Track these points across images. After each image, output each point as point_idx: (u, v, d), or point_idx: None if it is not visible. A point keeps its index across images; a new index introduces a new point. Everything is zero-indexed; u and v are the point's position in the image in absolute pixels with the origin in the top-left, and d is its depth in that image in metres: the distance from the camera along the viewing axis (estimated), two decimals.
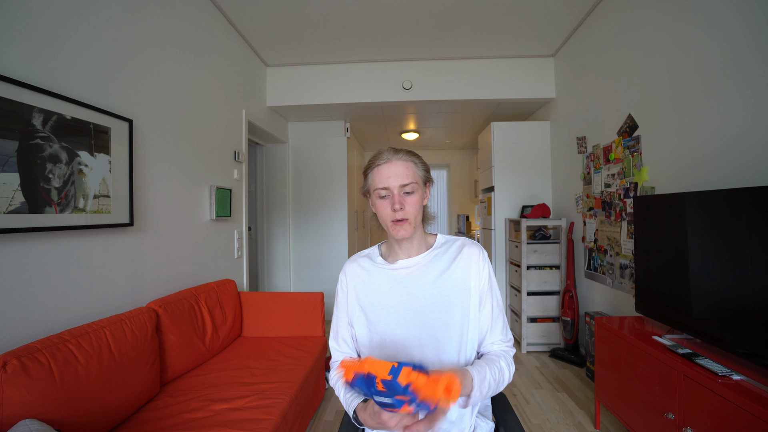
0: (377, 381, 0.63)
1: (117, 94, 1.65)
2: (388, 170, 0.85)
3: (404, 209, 0.84)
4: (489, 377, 0.79)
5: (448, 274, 0.88)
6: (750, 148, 1.45)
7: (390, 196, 0.86)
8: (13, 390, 1.00)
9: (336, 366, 0.95)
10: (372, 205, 0.92)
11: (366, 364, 0.65)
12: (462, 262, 0.89)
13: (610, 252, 2.43)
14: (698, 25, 1.70)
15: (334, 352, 0.99)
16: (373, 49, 3.20)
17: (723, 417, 1.12)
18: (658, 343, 1.52)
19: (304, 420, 1.82)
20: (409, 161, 0.87)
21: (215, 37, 2.54)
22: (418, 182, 0.87)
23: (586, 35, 2.74)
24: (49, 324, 1.30)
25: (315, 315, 2.33)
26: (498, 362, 0.85)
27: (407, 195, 0.85)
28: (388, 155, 0.86)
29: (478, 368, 0.78)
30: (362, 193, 0.96)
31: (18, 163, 1.18)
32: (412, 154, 0.89)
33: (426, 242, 0.95)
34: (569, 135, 3.07)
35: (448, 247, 0.92)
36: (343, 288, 0.96)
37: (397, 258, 0.92)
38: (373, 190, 0.88)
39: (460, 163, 6.77)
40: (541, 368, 2.75)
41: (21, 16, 1.23)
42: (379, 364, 0.64)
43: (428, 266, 0.90)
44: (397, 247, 0.92)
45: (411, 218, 0.85)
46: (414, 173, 0.87)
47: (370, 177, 0.89)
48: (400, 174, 0.84)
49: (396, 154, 0.86)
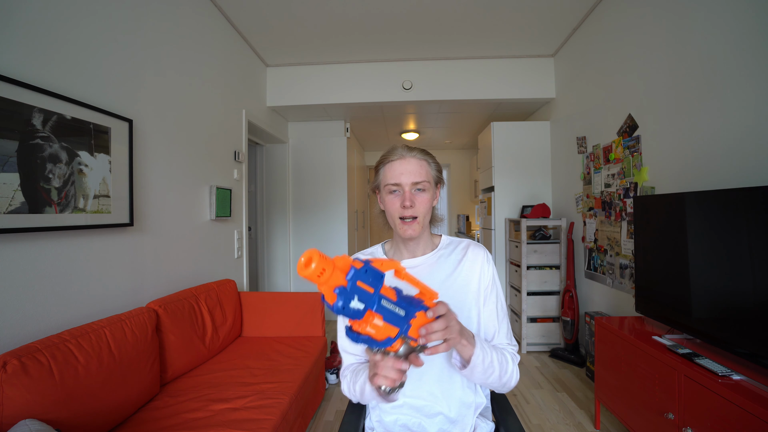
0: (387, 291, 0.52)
1: (117, 94, 1.65)
2: (401, 167, 0.84)
3: (414, 207, 0.83)
4: (493, 356, 0.77)
5: (454, 277, 0.87)
6: (750, 148, 1.45)
7: (401, 192, 0.84)
8: (13, 390, 1.00)
9: (347, 365, 0.91)
10: (380, 201, 0.91)
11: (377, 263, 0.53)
12: (467, 264, 0.88)
13: (610, 252, 2.43)
14: (698, 25, 1.70)
15: (345, 356, 0.92)
16: (373, 49, 3.20)
17: (723, 417, 1.12)
18: (658, 343, 1.52)
19: (304, 420, 1.82)
20: (422, 160, 0.86)
21: (215, 36, 2.54)
22: (430, 181, 0.86)
23: (586, 35, 2.74)
24: (49, 324, 1.30)
25: (315, 315, 2.33)
26: (504, 352, 0.83)
27: (419, 192, 0.84)
28: (402, 152, 0.85)
29: (483, 342, 0.77)
30: (371, 189, 0.94)
31: (18, 163, 1.18)
32: (426, 153, 0.89)
33: (432, 243, 0.94)
34: (569, 135, 3.07)
35: (453, 249, 0.92)
36: None
37: (401, 257, 0.92)
38: (384, 186, 0.86)
39: (460, 163, 6.77)
40: (541, 368, 2.75)
41: (21, 16, 1.23)
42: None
43: (434, 267, 0.89)
44: (403, 246, 0.91)
45: (420, 217, 0.84)
46: (427, 172, 0.86)
47: (381, 172, 0.87)
48: (413, 171, 0.83)
49: (410, 151, 0.85)
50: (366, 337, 0.51)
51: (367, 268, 0.49)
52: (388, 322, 0.51)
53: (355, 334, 0.51)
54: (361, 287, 0.49)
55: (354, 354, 0.91)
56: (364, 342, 0.51)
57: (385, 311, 0.51)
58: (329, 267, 0.47)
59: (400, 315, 0.52)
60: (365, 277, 0.49)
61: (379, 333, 0.51)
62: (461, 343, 0.70)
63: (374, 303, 0.50)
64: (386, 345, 0.52)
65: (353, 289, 0.48)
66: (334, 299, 0.47)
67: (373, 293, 0.49)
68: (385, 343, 0.52)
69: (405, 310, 0.52)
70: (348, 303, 0.47)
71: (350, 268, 0.48)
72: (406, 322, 0.52)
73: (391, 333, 0.52)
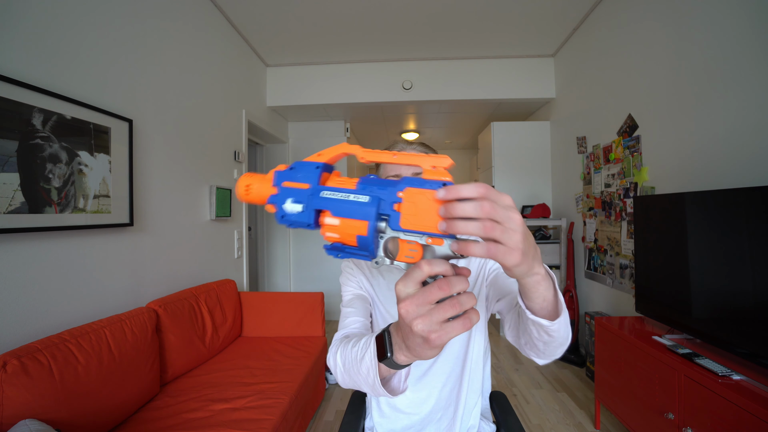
0: (342, 182, 0.43)
1: (117, 94, 1.65)
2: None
3: None
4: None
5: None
6: (750, 148, 1.45)
7: None
8: (13, 390, 1.00)
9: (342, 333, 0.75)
10: None
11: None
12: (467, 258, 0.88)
13: (610, 252, 2.43)
14: (698, 25, 1.70)
15: (345, 320, 0.80)
16: (373, 49, 3.20)
17: (723, 417, 1.12)
18: (658, 343, 1.52)
19: (304, 420, 1.82)
20: (422, 152, 0.87)
21: (215, 36, 2.54)
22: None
23: (586, 35, 2.73)
24: (49, 324, 1.30)
25: (315, 315, 2.33)
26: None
27: None
28: (403, 145, 0.86)
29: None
30: None
31: (18, 163, 1.18)
32: (426, 146, 0.89)
33: None
34: (569, 135, 3.07)
35: None
36: (354, 274, 0.89)
37: None
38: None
39: (460, 163, 6.78)
40: (541, 368, 2.75)
41: (21, 16, 1.23)
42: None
43: None
44: None
45: None
46: None
47: (382, 166, 0.87)
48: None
49: (410, 144, 0.86)
50: (336, 245, 0.41)
51: (294, 165, 0.43)
52: (347, 217, 0.39)
53: (329, 248, 0.41)
54: (293, 187, 0.42)
55: (353, 311, 0.81)
56: (338, 251, 0.41)
57: (334, 203, 0.39)
58: (256, 180, 0.44)
59: (361, 202, 0.39)
60: (293, 175, 0.42)
61: (342, 233, 0.39)
62: (530, 267, 0.39)
63: (315, 199, 0.40)
64: (366, 247, 0.39)
65: (284, 192, 0.42)
66: (273, 210, 0.42)
67: (309, 188, 0.41)
68: (364, 243, 0.39)
69: (370, 195, 0.39)
70: (281, 208, 0.41)
71: (274, 174, 0.43)
72: (375, 208, 0.38)
73: (359, 228, 0.38)
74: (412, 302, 0.37)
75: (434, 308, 0.36)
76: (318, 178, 0.42)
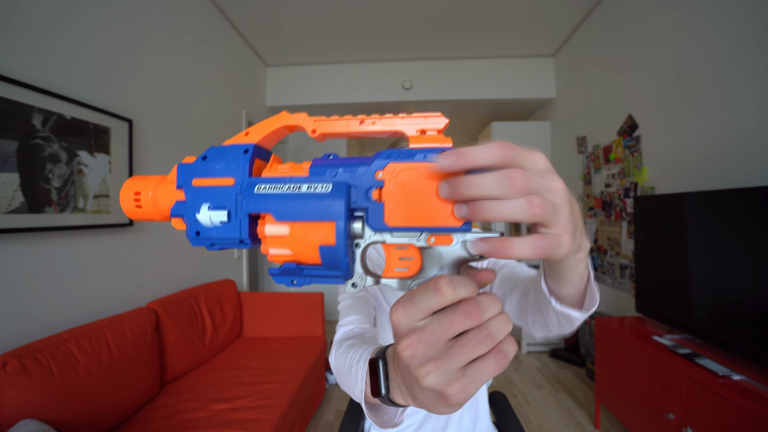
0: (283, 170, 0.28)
1: (116, 94, 1.65)
2: None
3: None
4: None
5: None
6: (750, 148, 1.45)
7: None
8: (13, 390, 1.00)
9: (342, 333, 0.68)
10: None
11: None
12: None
13: (610, 252, 2.43)
14: (698, 25, 1.70)
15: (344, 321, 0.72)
16: (373, 49, 3.20)
17: (723, 417, 1.12)
18: (658, 343, 1.52)
19: (304, 420, 1.82)
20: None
21: (215, 36, 2.54)
22: None
23: (586, 35, 2.73)
24: (49, 324, 1.30)
25: (315, 315, 2.33)
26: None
27: None
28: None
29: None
30: None
31: (18, 163, 1.18)
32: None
33: None
34: (569, 135, 3.07)
35: None
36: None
37: None
38: None
39: None
40: (541, 368, 2.75)
41: (21, 16, 1.23)
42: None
43: None
44: None
45: None
46: None
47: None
48: None
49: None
50: (288, 266, 0.26)
51: (207, 152, 0.28)
52: (301, 219, 0.25)
53: (277, 272, 0.27)
54: (208, 185, 0.27)
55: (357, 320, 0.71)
56: (293, 275, 0.26)
57: (277, 202, 0.25)
58: (148, 184, 0.29)
59: (320, 194, 0.25)
60: (206, 168, 0.27)
61: (295, 247, 0.25)
62: (579, 245, 0.29)
63: (246, 198, 0.26)
64: (335, 263, 0.25)
65: (195, 195, 0.27)
66: (183, 225, 0.28)
67: (235, 184, 0.27)
68: (332, 258, 0.25)
69: (333, 181, 0.25)
70: (194, 220, 0.27)
71: (177, 170, 0.28)
72: (344, 199, 0.24)
73: (321, 235, 0.24)
74: (420, 341, 0.24)
75: (453, 347, 0.23)
76: (248, 166, 0.27)
